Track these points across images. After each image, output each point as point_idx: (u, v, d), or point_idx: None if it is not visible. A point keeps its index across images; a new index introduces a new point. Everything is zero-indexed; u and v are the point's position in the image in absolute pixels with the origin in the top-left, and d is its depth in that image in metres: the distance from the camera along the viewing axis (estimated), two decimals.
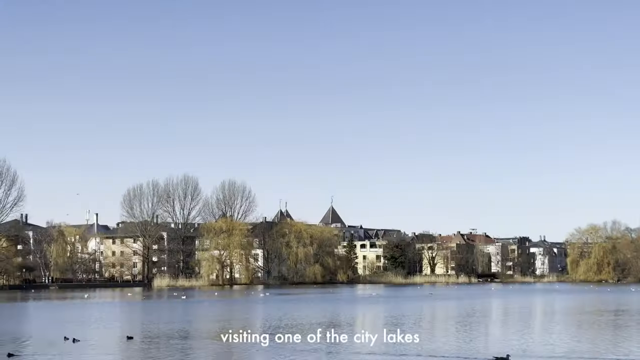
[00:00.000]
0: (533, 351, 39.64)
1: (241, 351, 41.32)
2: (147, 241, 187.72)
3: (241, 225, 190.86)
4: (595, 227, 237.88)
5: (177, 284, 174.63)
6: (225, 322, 62.83)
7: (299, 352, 39.56)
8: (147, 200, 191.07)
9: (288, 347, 42.45)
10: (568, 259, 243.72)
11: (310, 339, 45.65)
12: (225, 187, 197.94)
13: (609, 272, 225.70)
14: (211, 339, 48.14)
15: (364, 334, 44.00)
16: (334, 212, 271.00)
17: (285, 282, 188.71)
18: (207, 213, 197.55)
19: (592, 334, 51.20)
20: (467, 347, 41.84)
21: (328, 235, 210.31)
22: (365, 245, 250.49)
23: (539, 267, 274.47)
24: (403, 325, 58.52)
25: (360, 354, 39.02)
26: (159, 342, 45.73)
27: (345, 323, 61.63)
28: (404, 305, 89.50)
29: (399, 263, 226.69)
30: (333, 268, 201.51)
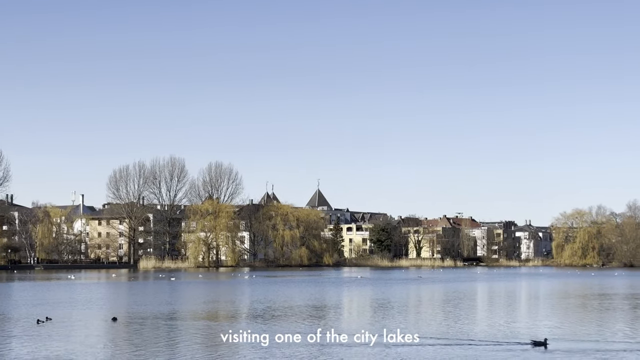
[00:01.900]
0: (520, 333, 39.83)
1: (226, 333, 41.29)
2: (133, 223, 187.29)
3: (227, 207, 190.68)
4: (581, 212, 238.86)
5: (163, 265, 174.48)
6: (211, 304, 62.86)
7: (288, 339, 39.50)
8: (133, 181, 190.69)
9: (274, 329, 42.47)
10: (553, 243, 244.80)
11: (300, 324, 45.71)
12: (212, 169, 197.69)
13: (594, 257, 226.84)
14: (196, 320, 48.14)
15: (364, 320, 43.95)
16: (320, 195, 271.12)
17: (271, 264, 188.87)
18: (193, 195, 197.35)
19: (576, 317, 51.47)
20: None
21: (314, 218, 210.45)
22: (351, 228, 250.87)
23: (524, 251, 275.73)
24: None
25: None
26: (144, 324, 45.66)
27: (344, 306, 61.73)
28: (398, 288, 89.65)
29: (385, 246, 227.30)
30: (319, 251, 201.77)
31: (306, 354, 32.19)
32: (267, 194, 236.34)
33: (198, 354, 32.59)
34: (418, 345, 34.83)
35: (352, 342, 34.62)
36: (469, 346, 35.03)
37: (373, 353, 32.80)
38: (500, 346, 35.08)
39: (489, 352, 33.13)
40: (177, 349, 34.18)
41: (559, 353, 32.88)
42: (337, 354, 32.53)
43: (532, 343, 35.27)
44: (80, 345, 35.48)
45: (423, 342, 35.73)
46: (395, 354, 32.25)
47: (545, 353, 33.12)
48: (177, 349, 34.18)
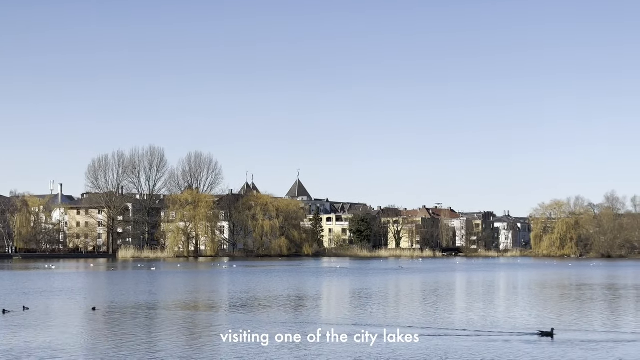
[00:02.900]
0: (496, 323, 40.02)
1: (206, 323, 41.27)
2: (112, 212, 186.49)
3: (207, 197, 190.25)
4: (559, 203, 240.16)
5: (142, 255, 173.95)
6: (190, 294, 62.75)
7: (268, 329, 39.53)
8: (112, 171, 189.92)
9: (253, 320, 42.49)
10: (532, 234, 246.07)
11: (280, 311, 45.72)
12: (192, 159, 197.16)
13: (572, 247, 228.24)
14: (176, 310, 48.03)
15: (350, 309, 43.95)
16: (300, 186, 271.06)
17: (250, 254, 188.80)
18: (172, 185, 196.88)
19: (554, 307, 51.78)
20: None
21: (294, 209, 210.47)
22: (331, 218, 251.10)
23: (503, 241, 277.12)
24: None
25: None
26: (124, 313, 45.52)
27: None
28: (382, 279, 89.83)
29: (364, 237, 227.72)
30: (299, 241, 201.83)
31: (287, 345, 32.18)
32: (246, 184, 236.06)
33: (178, 344, 32.53)
34: (424, 336, 34.71)
35: (351, 340, 34.46)
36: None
37: (362, 346, 32.80)
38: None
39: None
40: (156, 338, 34.10)
41: (565, 343, 32.83)
42: (332, 348, 32.52)
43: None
44: (58, 335, 35.28)
45: (427, 334, 35.70)
46: (394, 347, 32.12)
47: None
48: (156, 338, 34.10)
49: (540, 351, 30.82)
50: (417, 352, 30.24)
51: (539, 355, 29.96)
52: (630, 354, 30.68)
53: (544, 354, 30.22)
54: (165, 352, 30.05)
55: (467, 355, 29.65)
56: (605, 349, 31.73)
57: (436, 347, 31.56)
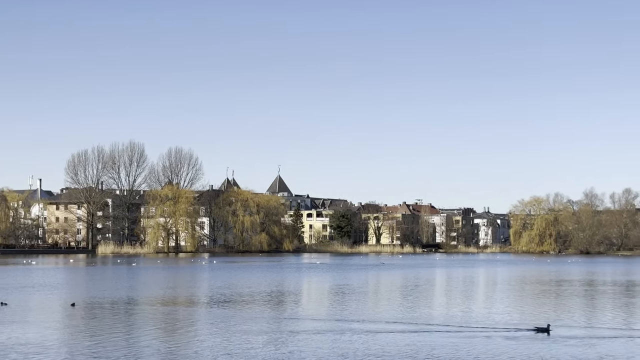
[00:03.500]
0: (475, 319, 40.20)
1: (186, 318, 41.21)
2: (92, 208, 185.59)
3: (187, 193, 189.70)
4: (538, 199, 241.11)
5: (122, 251, 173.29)
6: (170, 289, 62.60)
7: (248, 325, 39.56)
8: (92, 166, 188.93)
9: (234, 316, 42.48)
10: (511, 230, 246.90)
11: (260, 308, 45.73)
12: (172, 155, 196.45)
13: (551, 244, 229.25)
14: (156, 306, 47.92)
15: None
16: (280, 181, 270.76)
17: (231, 250, 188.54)
18: (153, 180, 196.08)
19: (533, 302, 52.10)
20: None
21: (275, 204, 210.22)
22: (311, 214, 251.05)
23: (483, 237, 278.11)
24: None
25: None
26: (103, 309, 45.37)
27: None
28: (364, 274, 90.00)
29: (345, 232, 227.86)
30: (279, 237, 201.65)
31: (267, 340, 32.21)
32: (227, 180, 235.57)
33: (158, 339, 32.46)
34: (418, 332, 34.90)
35: (335, 336, 34.46)
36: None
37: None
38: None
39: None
40: (136, 334, 34.00)
41: (562, 339, 32.83)
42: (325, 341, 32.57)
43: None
44: (36, 330, 35.12)
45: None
46: (384, 342, 32.22)
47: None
48: (136, 334, 34.00)
49: (539, 347, 30.70)
50: (411, 348, 30.25)
51: (539, 351, 29.82)
52: (626, 350, 30.85)
53: (542, 350, 30.10)
54: (145, 348, 29.97)
55: (467, 352, 29.46)
56: (602, 344, 31.77)
57: (432, 344, 31.48)
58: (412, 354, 28.97)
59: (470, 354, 28.95)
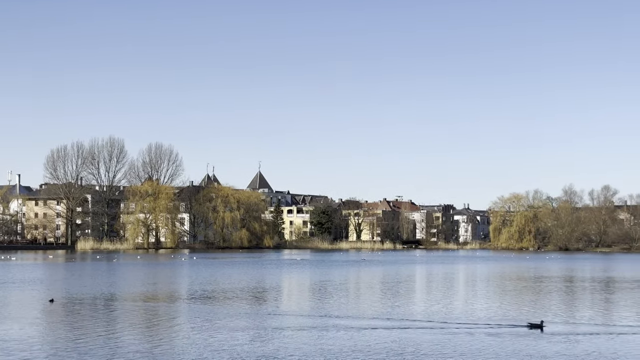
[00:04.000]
0: (454, 315, 40.29)
1: (166, 314, 41.06)
2: (71, 203, 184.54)
3: (167, 188, 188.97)
4: (518, 196, 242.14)
5: (101, 247, 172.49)
6: (150, 285, 62.36)
7: (228, 321, 39.46)
8: (71, 162, 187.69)
9: (214, 312, 42.39)
10: (491, 227, 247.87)
11: (240, 303, 45.58)
12: (152, 150, 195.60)
13: (530, 240, 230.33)
14: (135, 302, 47.72)
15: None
16: (261, 177, 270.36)
17: (211, 246, 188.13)
18: (132, 176, 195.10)
19: (512, 299, 52.31)
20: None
21: (255, 200, 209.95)
22: (292, 210, 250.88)
23: (463, 234, 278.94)
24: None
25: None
26: (82, 305, 45.12)
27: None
28: (345, 271, 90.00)
29: (325, 229, 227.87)
30: (260, 233, 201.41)
31: (250, 337, 32.12)
32: (207, 176, 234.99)
33: (137, 336, 32.29)
34: (403, 328, 34.88)
35: (318, 332, 34.36)
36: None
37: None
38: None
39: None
40: (116, 330, 33.81)
41: (555, 336, 32.80)
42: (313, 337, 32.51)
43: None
44: (14, 326, 34.86)
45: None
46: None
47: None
48: (116, 330, 33.81)
49: (534, 343, 30.66)
50: (398, 344, 30.21)
51: (535, 347, 29.80)
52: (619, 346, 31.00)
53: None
54: (124, 344, 29.78)
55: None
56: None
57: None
58: (399, 350, 28.90)
59: (468, 350, 28.96)
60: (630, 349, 29.84)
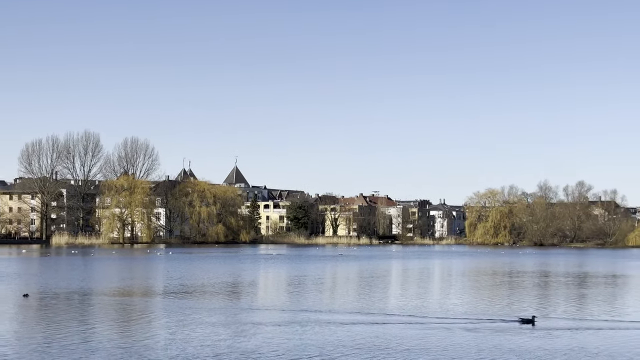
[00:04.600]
0: (430, 310, 40.38)
1: (141, 309, 40.87)
2: (46, 198, 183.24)
3: (143, 183, 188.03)
4: (493, 192, 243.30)
5: (76, 241, 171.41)
6: (126, 280, 62.04)
7: (204, 316, 39.35)
8: (46, 156, 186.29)
9: (190, 307, 42.26)
10: (466, 222, 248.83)
11: (215, 298, 45.38)
12: (128, 145, 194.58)
13: (505, 236, 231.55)
14: (111, 296, 47.45)
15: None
16: (238, 172, 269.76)
17: (187, 241, 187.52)
18: (108, 170, 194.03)
19: (487, 294, 52.56)
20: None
21: (231, 195, 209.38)
22: (268, 205, 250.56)
23: (438, 229, 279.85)
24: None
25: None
26: (57, 299, 44.79)
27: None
28: (321, 266, 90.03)
29: (302, 224, 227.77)
30: (236, 228, 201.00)
31: (230, 332, 32.00)
32: (184, 170, 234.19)
33: (113, 331, 32.08)
34: (385, 323, 34.78)
35: (298, 328, 34.24)
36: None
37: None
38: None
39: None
40: (91, 325, 33.55)
41: (547, 331, 32.81)
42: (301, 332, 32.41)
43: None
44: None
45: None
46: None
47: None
48: (91, 325, 33.55)
49: (528, 338, 30.63)
50: (381, 340, 30.12)
51: (529, 342, 29.76)
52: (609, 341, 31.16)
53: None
54: (99, 339, 29.53)
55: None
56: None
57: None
58: (383, 345, 28.75)
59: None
60: (609, 344, 29.92)
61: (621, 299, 50.64)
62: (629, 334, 32.73)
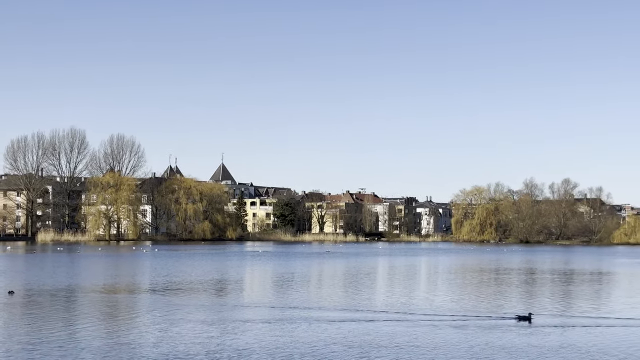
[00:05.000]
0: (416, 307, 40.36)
1: (127, 306, 40.68)
2: (32, 194, 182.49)
3: (129, 180, 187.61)
4: (480, 189, 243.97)
5: (62, 238, 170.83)
6: (112, 277, 61.77)
7: (190, 313, 39.21)
8: (31, 152, 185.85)
9: (176, 304, 42.11)
10: (452, 219, 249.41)
11: (200, 296, 45.19)
12: (114, 141, 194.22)
13: (491, 233, 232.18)
14: (97, 293, 47.20)
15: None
16: (224, 169, 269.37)
17: (173, 238, 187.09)
18: (94, 167, 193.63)
19: (480, 291, 52.62)
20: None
21: (218, 192, 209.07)
22: (255, 202, 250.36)
23: (425, 226, 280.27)
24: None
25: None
26: (42, 297, 44.51)
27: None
28: (309, 262, 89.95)
29: (288, 221, 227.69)
30: (222, 225, 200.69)
31: (220, 329, 31.85)
32: (170, 167, 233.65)
33: (98, 328, 31.87)
34: (384, 320, 34.69)
35: (286, 325, 34.12)
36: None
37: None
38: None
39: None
40: (76, 322, 33.31)
41: (544, 327, 32.74)
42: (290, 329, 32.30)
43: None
44: None
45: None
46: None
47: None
48: (76, 322, 33.31)
49: (526, 336, 30.55)
50: (372, 337, 29.97)
51: (526, 339, 29.69)
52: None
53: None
54: (86, 337, 29.27)
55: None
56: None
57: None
58: (374, 342, 28.52)
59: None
60: (600, 341, 29.88)
61: (607, 296, 50.83)
62: (618, 331, 32.77)
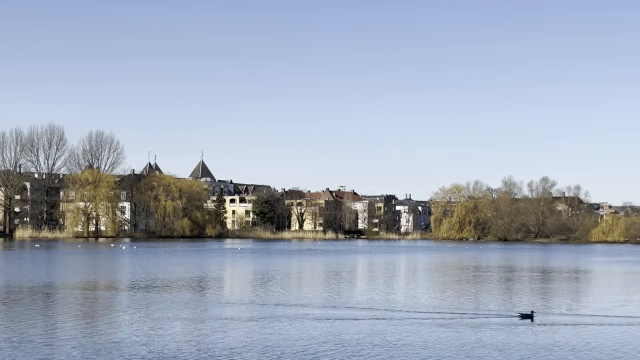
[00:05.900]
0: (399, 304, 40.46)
1: (106, 303, 40.53)
2: (9, 191, 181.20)
3: (108, 177, 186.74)
4: (459, 187, 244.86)
5: (40, 235, 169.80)
6: (90, 274, 61.47)
7: (168, 303, 39.09)
8: (9, 148, 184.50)
9: (155, 301, 41.99)
10: (432, 217, 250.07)
11: (181, 293, 45.04)
12: (93, 138, 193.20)
13: (470, 231, 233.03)
14: (75, 290, 46.97)
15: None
16: (204, 166, 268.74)
17: (152, 235, 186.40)
18: (72, 164, 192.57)
19: (454, 289, 52.86)
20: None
21: (197, 189, 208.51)
22: (234, 200, 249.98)
23: (404, 224, 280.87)
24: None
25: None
26: (21, 294, 44.25)
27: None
28: (289, 260, 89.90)
29: (268, 218, 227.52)
30: (202, 222, 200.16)
31: (195, 327, 31.80)
32: (149, 164, 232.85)
33: (78, 326, 31.71)
34: (365, 319, 34.63)
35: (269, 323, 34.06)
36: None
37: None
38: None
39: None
40: (55, 320, 33.14)
41: (546, 326, 32.75)
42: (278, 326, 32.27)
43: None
44: None
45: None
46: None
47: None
48: (55, 320, 33.14)
49: (530, 333, 30.53)
50: (362, 335, 29.93)
51: (528, 337, 29.70)
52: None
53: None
54: (63, 334, 29.09)
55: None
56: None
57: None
58: (367, 340, 28.34)
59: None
60: (589, 339, 30.06)
61: (585, 294, 51.28)
62: (603, 329, 32.99)
